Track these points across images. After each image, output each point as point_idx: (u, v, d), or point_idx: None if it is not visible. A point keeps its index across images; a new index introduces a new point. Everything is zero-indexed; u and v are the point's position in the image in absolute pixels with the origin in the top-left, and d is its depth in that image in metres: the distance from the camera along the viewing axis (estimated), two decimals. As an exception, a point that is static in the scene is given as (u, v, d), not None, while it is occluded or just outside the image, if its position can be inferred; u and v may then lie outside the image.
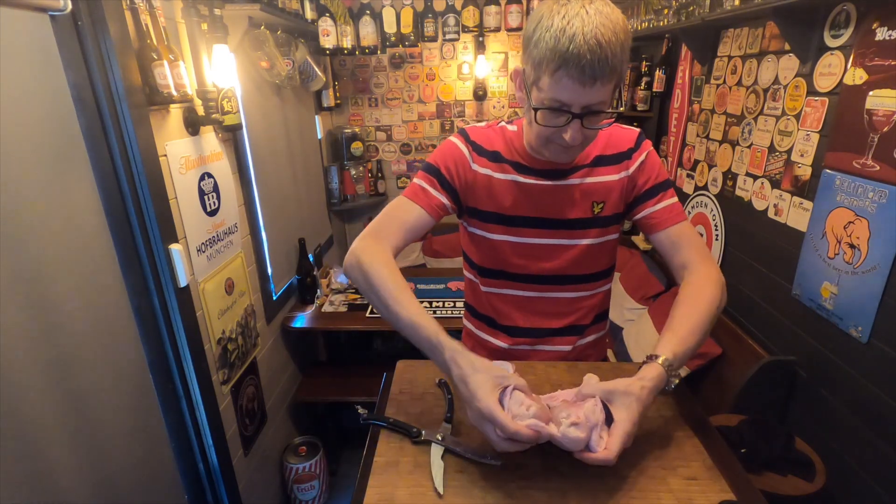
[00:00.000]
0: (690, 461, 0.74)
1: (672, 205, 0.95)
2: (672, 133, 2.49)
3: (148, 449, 1.21)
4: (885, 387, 1.25)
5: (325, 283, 2.44)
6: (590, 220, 0.97)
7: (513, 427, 0.65)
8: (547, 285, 1.01)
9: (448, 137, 1.01)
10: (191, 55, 1.38)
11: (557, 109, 0.79)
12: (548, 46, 0.74)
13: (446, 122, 3.13)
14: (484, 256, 1.03)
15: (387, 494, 0.69)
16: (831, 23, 1.44)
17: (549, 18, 0.75)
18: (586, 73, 0.73)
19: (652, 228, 0.96)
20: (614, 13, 0.75)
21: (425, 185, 0.95)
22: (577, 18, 0.72)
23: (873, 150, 1.28)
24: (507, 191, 0.97)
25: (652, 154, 0.97)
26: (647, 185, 0.96)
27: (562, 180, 0.96)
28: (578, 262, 0.99)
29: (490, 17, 2.53)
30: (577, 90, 0.76)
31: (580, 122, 0.80)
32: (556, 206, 0.96)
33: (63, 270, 0.97)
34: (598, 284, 1.04)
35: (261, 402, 1.86)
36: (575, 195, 0.96)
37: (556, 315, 1.04)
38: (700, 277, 0.88)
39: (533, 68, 0.79)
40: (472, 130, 1.00)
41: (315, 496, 2.12)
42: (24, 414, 0.87)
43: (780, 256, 1.65)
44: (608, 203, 0.96)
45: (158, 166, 1.25)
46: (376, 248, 0.89)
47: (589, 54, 0.72)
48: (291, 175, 2.29)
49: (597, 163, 0.96)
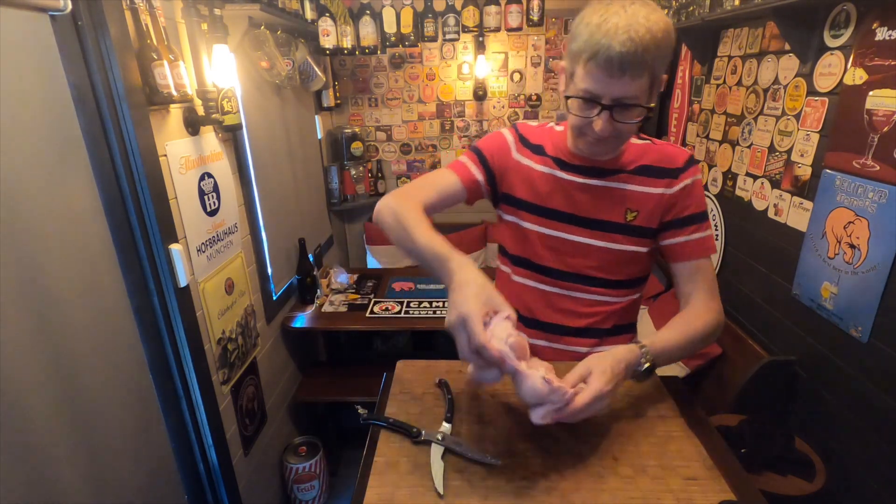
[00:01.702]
0: (690, 461, 0.74)
1: (704, 238, 0.95)
2: (672, 133, 2.49)
3: (148, 449, 1.21)
4: (885, 387, 1.25)
5: (325, 283, 2.44)
6: (620, 226, 0.97)
7: (482, 339, 0.66)
8: (569, 282, 1.02)
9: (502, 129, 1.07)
10: (191, 55, 1.38)
11: (588, 100, 0.82)
12: (584, 39, 0.78)
13: (446, 122, 3.13)
14: (514, 244, 1.06)
15: (387, 494, 0.69)
16: (831, 23, 1.44)
17: (590, 16, 0.79)
18: (615, 65, 0.76)
19: (676, 257, 0.96)
20: (654, 14, 0.77)
21: (465, 160, 1.03)
22: (615, 16, 0.76)
23: (873, 150, 1.28)
24: (543, 182, 0.99)
25: (698, 182, 0.96)
26: (685, 211, 0.95)
27: (599, 180, 0.96)
28: (603, 266, 0.99)
29: (490, 17, 2.52)
30: (606, 81, 0.78)
31: (610, 114, 0.82)
32: (589, 205, 0.97)
33: (63, 270, 0.97)
34: (622, 293, 1.03)
35: (261, 402, 1.86)
36: (610, 198, 0.96)
37: (575, 314, 1.04)
38: (701, 306, 0.93)
39: (570, 61, 0.83)
40: (523, 125, 1.05)
41: (315, 496, 2.12)
42: (24, 414, 0.87)
43: (780, 256, 1.65)
44: (641, 213, 0.96)
45: (158, 166, 1.25)
46: (406, 198, 0.93)
47: (619, 46, 0.74)
48: (291, 175, 2.29)
49: (640, 172, 0.95)
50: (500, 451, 0.74)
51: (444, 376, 0.93)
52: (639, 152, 0.96)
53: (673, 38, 0.79)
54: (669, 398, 0.89)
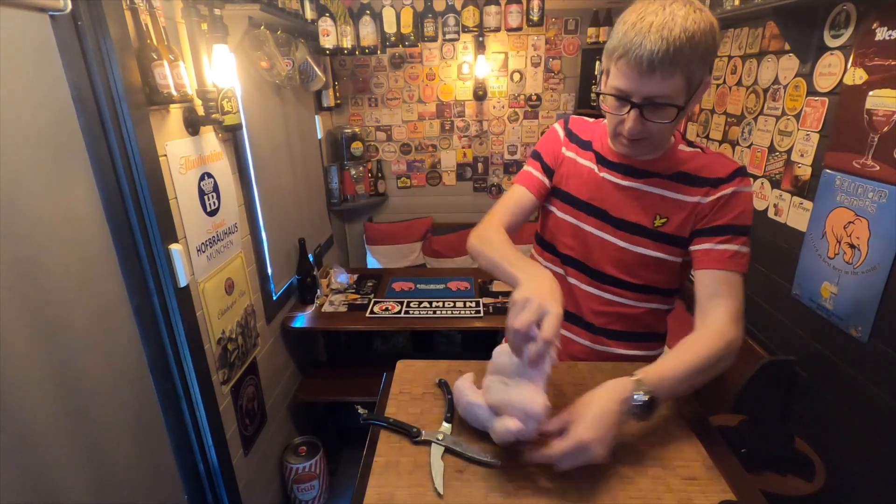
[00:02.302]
0: (690, 461, 0.74)
1: (737, 252, 0.87)
2: (672, 133, 2.48)
3: (148, 449, 1.21)
4: (885, 387, 1.25)
5: (325, 283, 2.44)
6: (647, 230, 0.95)
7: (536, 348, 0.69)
8: (587, 276, 1.02)
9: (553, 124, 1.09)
10: (191, 55, 1.38)
11: (618, 97, 0.82)
12: (618, 37, 0.79)
13: (446, 122, 3.13)
14: (544, 228, 1.09)
15: (387, 494, 0.69)
16: (831, 23, 1.44)
17: (630, 14, 0.79)
18: (644, 63, 0.75)
19: (699, 263, 0.90)
20: (695, 13, 0.76)
21: (530, 169, 1.06)
22: (652, 14, 0.76)
23: (873, 150, 1.28)
24: (582, 175, 1.00)
25: (744, 196, 0.89)
26: (719, 220, 0.89)
27: (635, 181, 0.95)
28: (625, 268, 0.98)
29: (490, 17, 2.52)
30: (636, 79, 0.78)
31: (640, 113, 0.81)
32: (619, 205, 0.96)
33: (63, 270, 0.97)
34: (642, 298, 1.00)
35: (261, 402, 1.86)
36: (641, 201, 0.95)
37: (589, 310, 1.04)
38: (716, 328, 0.84)
39: (606, 58, 0.84)
40: (575, 120, 1.07)
41: (315, 496, 2.12)
42: (24, 414, 0.87)
43: (780, 256, 1.65)
44: (672, 220, 0.92)
45: (158, 166, 1.25)
46: (487, 225, 1.00)
47: (650, 44, 0.74)
48: (291, 175, 2.29)
49: (677, 178, 0.93)
50: (500, 451, 0.74)
51: (444, 376, 0.93)
52: (683, 158, 0.93)
53: (716, 38, 0.78)
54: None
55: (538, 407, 0.68)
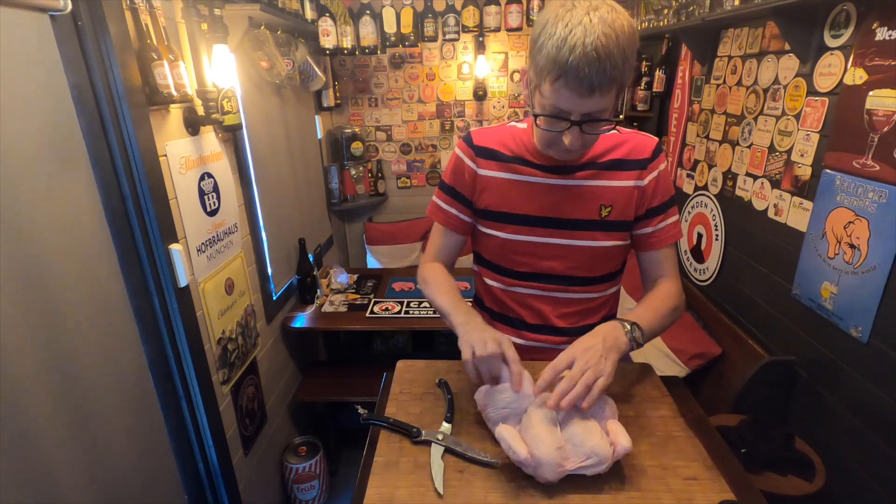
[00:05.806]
0: (690, 461, 0.74)
1: (672, 224, 0.99)
2: (672, 133, 2.49)
3: (148, 449, 1.21)
4: (885, 387, 1.25)
5: (325, 283, 2.44)
6: (596, 223, 0.96)
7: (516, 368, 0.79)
8: (552, 284, 1.02)
9: (454, 146, 1.06)
10: (191, 55, 1.38)
11: (557, 117, 0.81)
12: (549, 55, 0.75)
13: (446, 122, 3.13)
14: (492, 253, 1.05)
15: (387, 494, 0.69)
16: (831, 23, 1.44)
17: (554, 25, 0.74)
18: (584, 85, 0.74)
19: (646, 247, 1.00)
20: (619, 19, 0.74)
21: (445, 207, 1.05)
22: (580, 27, 0.72)
23: (873, 150, 1.28)
24: (513, 190, 0.98)
25: (665, 171, 0.98)
26: (654, 201, 0.97)
27: (569, 177, 0.95)
28: (584, 265, 0.99)
29: (490, 17, 2.53)
30: (576, 100, 0.77)
31: (579, 129, 0.81)
32: (562, 206, 0.96)
33: (63, 271, 0.97)
34: (605, 287, 1.04)
35: (261, 402, 1.86)
36: (582, 196, 0.95)
37: (562, 315, 1.04)
38: (670, 287, 0.98)
39: (536, 74, 0.80)
40: (476, 133, 1.02)
41: (315, 496, 2.12)
42: (24, 414, 0.87)
43: (780, 256, 1.65)
44: (616, 208, 0.95)
45: (158, 166, 1.25)
46: (423, 265, 1.08)
47: (587, 67, 0.72)
48: (291, 175, 2.29)
49: (611, 166, 0.95)
50: (500, 451, 0.74)
51: (444, 376, 0.93)
52: (608, 145, 0.95)
53: (637, 39, 0.77)
54: (669, 398, 0.89)
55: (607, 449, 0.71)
